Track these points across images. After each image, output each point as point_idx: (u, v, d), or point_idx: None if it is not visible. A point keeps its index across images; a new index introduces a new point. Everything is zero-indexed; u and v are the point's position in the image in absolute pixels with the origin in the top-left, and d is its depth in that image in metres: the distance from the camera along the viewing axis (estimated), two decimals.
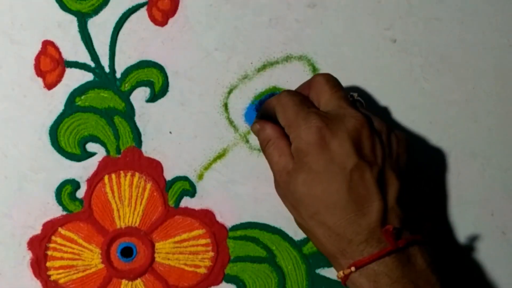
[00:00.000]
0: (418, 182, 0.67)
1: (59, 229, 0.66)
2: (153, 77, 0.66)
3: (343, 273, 0.58)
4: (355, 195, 0.58)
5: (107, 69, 0.66)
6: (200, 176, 0.66)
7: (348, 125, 0.59)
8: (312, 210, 0.59)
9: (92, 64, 0.66)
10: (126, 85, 0.66)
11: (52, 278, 0.65)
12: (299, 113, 0.60)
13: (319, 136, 0.59)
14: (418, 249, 0.58)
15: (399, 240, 0.57)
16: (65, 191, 0.65)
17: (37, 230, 0.65)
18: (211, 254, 0.66)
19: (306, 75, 0.67)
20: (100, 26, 0.66)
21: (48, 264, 0.65)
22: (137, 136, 0.66)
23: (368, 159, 0.59)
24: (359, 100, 0.63)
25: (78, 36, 0.66)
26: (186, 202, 0.66)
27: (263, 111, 0.64)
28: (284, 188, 0.61)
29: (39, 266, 0.65)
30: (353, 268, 0.58)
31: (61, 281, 0.65)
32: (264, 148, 0.63)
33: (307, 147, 0.59)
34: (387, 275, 0.57)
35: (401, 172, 0.60)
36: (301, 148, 0.59)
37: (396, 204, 0.59)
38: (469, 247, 0.68)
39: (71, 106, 0.66)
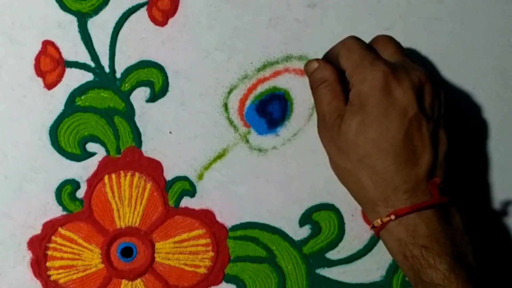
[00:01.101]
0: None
1: (59, 229, 0.66)
2: (153, 77, 0.66)
3: (381, 220, 0.59)
4: (409, 144, 0.59)
5: (107, 69, 0.66)
6: (200, 176, 0.66)
7: (413, 77, 0.60)
8: (363, 152, 0.59)
9: (92, 64, 0.66)
10: (126, 85, 0.66)
11: (52, 278, 0.65)
12: (366, 57, 0.61)
13: (385, 81, 0.60)
14: (456, 209, 0.60)
15: (442, 195, 0.59)
16: (65, 191, 0.65)
17: (37, 230, 0.65)
18: (211, 254, 0.66)
19: (306, 75, 0.67)
20: (100, 26, 0.66)
21: (48, 264, 0.65)
22: (137, 136, 0.66)
23: (427, 113, 0.60)
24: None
25: (78, 36, 0.66)
26: (186, 202, 0.66)
27: (324, 58, 0.64)
28: (333, 129, 0.61)
29: (39, 266, 0.65)
30: (393, 216, 0.58)
31: (61, 281, 0.65)
32: (317, 87, 0.63)
33: (371, 89, 0.60)
34: (426, 226, 0.58)
35: (450, 132, 0.61)
36: (364, 90, 0.60)
37: (443, 161, 0.60)
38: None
39: (71, 106, 0.66)
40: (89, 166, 0.66)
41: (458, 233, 0.59)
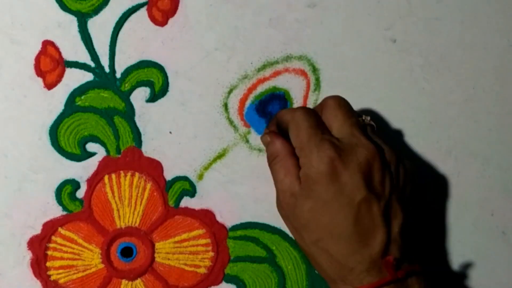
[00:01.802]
0: (419, 189, 0.67)
1: (59, 229, 0.66)
2: (153, 77, 0.66)
3: None
4: (360, 226, 0.59)
5: (107, 69, 0.66)
6: (200, 176, 0.66)
7: (360, 157, 0.59)
8: (315, 237, 0.60)
9: (92, 64, 0.66)
10: (126, 85, 0.66)
11: (52, 278, 0.65)
12: (312, 138, 0.60)
13: (330, 167, 0.59)
14: (416, 279, 0.59)
15: (398, 270, 0.58)
16: (65, 191, 0.65)
17: (37, 230, 0.65)
18: (211, 254, 0.66)
19: (306, 75, 0.67)
20: (100, 26, 0.66)
21: (48, 264, 0.65)
22: (137, 136, 0.66)
23: (377, 191, 0.59)
24: (371, 124, 0.62)
25: (78, 36, 0.66)
26: (186, 202, 0.66)
27: (276, 120, 0.64)
28: (288, 210, 0.61)
29: (39, 266, 0.65)
30: None
31: (61, 281, 0.65)
32: (270, 163, 0.63)
33: (318, 176, 0.59)
34: None
35: (406, 203, 0.61)
36: (311, 176, 0.59)
37: (398, 235, 0.59)
38: (469, 247, 0.68)
39: (71, 106, 0.66)
40: (89, 166, 0.66)
41: None
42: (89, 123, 0.66)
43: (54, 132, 0.65)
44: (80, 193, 0.66)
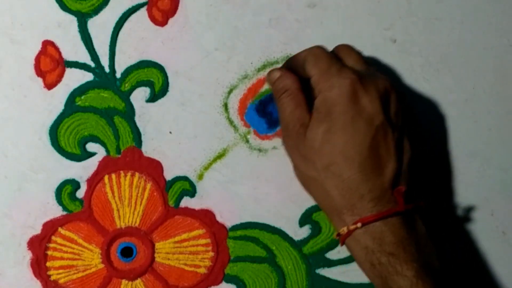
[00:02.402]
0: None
1: (59, 229, 0.66)
2: (153, 77, 0.66)
3: (348, 228, 0.59)
4: (375, 153, 0.59)
5: (107, 69, 0.66)
6: (200, 176, 0.66)
7: (380, 86, 0.60)
8: (329, 160, 0.59)
9: (92, 64, 0.66)
10: (126, 85, 0.66)
11: (52, 278, 0.65)
12: (333, 64, 0.61)
13: (352, 89, 0.60)
14: (418, 215, 0.60)
15: (406, 203, 0.59)
16: (65, 191, 0.65)
17: (37, 230, 0.65)
18: (211, 254, 0.66)
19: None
20: (100, 26, 0.66)
21: (48, 264, 0.65)
22: (137, 136, 0.66)
23: (393, 121, 0.60)
24: None
25: (78, 36, 0.66)
26: (186, 202, 0.66)
27: (287, 64, 0.64)
28: (297, 138, 0.61)
29: (39, 266, 0.65)
30: (359, 224, 0.58)
31: (61, 281, 0.65)
32: (279, 96, 0.63)
33: (339, 97, 0.60)
34: (392, 233, 0.58)
35: (413, 140, 0.61)
36: (332, 97, 0.60)
37: (407, 169, 0.60)
38: (469, 247, 0.68)
39: (71, 106, 0.66)
40: (89, 166, 0.66)
41: (422, 239, 0.59)
42: (89, 123, 0.66)
43: (54, 132, 0.65)
44: (80, 193, 0.66)
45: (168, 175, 0.66)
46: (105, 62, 0.66)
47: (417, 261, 0.58)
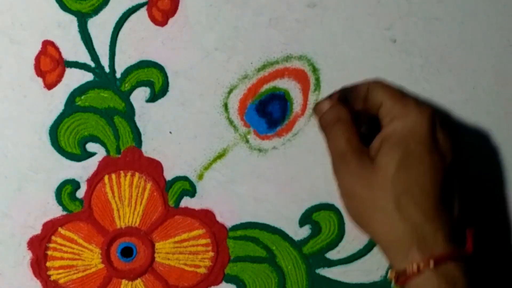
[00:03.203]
0: None
1: (59, 229, 0.66)
2: (153, 77, 0.66)
3: (418, 266, 0.55)
4: (445, 189, 0.57)
5: (107, 69, 0.66)
6: (200, 176, 0.66)
7: (450, 123, 0.61)
8: (403, 189, 0.56)
9: (92, 64, 0.66)
10: (126, 85, 0.66)
11: (52, 278, 0.65)
12: (405, 95, 0.59)
13: (433, 121, 0.58)
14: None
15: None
16: (65, 191, 0.65)
17: (37, 230, 0.65)
18: (211, 254, 0.66)
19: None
20: (100, 26, 0.66)
21: (48, 264, 0.65)
22: (137, 136, 0.66)
23: (455, 162, 0.59)
24: None
25: (78, 36, 0.66)
26: (186, 202, 0.66)
27: (337, 97, 0.62)
28: (359, 166, 0.58)
29: (39, 266, 0.65)
30: (431, 262, 0.55)
31: (61, 281, 0.65)
32: (332, 125, 0.60)
33: (419, 126, 0.58)
34: (465, 278, 0.55)
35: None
36: (410, 127, 0.58)
37: (461, 214, 0.58)
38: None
39: (71, 106, 0.66)
40: (89, 166, 0.66)
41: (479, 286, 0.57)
42: (89, 123, 0.66)
43: (54, 132, 0.65)
44: (80, 193, 0.66)
45: (168, 175, 0.66)
46: (105, 62, 0.66)
47: None
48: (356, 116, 0.61)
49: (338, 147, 0.60)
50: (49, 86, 0.66)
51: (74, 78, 0.66)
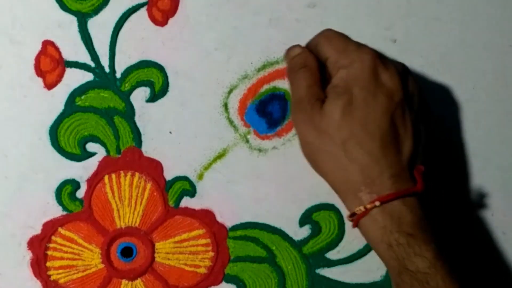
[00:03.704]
0: None
1: (59, 229, 0.66)
2: (153, 77, 0.66)
3: (365, 207, 0.58)
4: (394, 129, 0.59)
5: (107, 69, 0.66)
6: (200, 176, 0.66)
7: (398, 66, 0.61)
8: (348, 133, 0.58)
9: (92, 64, 0.66)
10: (126, 85, 0.66)
11: (52, 278, 0.65)
12: (350, 43, 0.61)
13: (373, 63, 0.60)
14: (431, 197, 0.59)
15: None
16: (65, 191, 0.65)
17: (37, 230, 0.65)
18: (211, 254, 0.66)
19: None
20: (100, 26, 0.66)
21: (48, 264, 0.65)
22: (137, 136, 0.66)
23: (410, 101, 0.60)
24: None
25: (78, 36, 0.66)
26: (186, 202, 0.66)
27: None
28: (312, 112, 0.60)
29: (39, 266, 0.65)
30: (377, 203, 0.57)
31: (61, 281, 0.65)
32: (297, 69, 0.62)
33: (360, 71, 0.59)
34: (411, 213, 0.57)
35: (426, 126, 0.61)
36: (352, 72, 0.59)
37: (422, 152, 0.60)
38: (469, 248, 0.68)
39: (71, 106, 0.66)
40: (89, 166, 0.66)
41: (435, 220, 0.58)
42: (89, 123, 0.66)
43: (54, 132, 0.65)
44: (80, 193, 0.66)
45: (168, 175, 0.66)
46: (105, 62, 0.66)
47: (434, 242, 0.57)
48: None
49: (298, 92, 0.61)
50: (49, 86, 0.66)
51: (74, 78, 0.66)
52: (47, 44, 0.66)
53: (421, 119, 0.61)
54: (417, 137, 0.60)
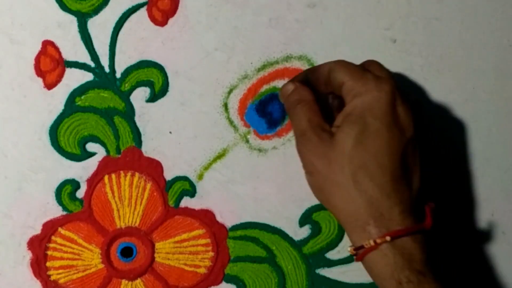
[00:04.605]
0: None
1: (59, 229, 0.66)
2: (153, 77, 0.66)
3: (374, 241, 0.56)
4: (404, 164, 0.58)
5: (107, 69, 0.66)
6: (200, 176, 0.66)
7: (411, 98, 0.60)
8: (359, 164, 0.57)
9: (92, 64, 0.66)
10: (126, 85, 0.66)
11: (52, 278, 0.65)
12: (367, 72, 0.60)
13: (392, 95, 0.58)
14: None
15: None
16: (65, 191, 0.65)
17: (37, 230, 0.65)
18: (211, 254, 0.66)
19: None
20: (100, 26, 0.66)
21: (48, 264, 0.65)
22: (137, 136, 0.66)
23: (416, 139, 0.59)
24: None
25: (78, 36, 0.66)
26: (186, 202, 0.66)
27: (301, 78, 0.63)
28: (319, 141, 0.59)
29: (39, 266, 0.65)
30: (388, 238, 0.56)
31: (61, 281, 0.65)
32: (294, 106, 0.61)
33: (376, 101, 0.58)
34: (421, 250, 0.56)
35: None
36: (368, 101, 0.58)
37: (422, 188, 0.59)
38: (469, 247, 0.68)
39: (71, 106, 0.66)
40: (89, 166, 0.66)
41: (442, 257, 0.59)
42: (89, 123, 0.66)
43: (54, 132, 0.65)
44: (80, 193, 0.66)
45: (168, 175, 0.66)
46: (105, 62, 0.66)
47: (442, 280, 0.56)
48: (322, 96, 0.63)
49: (300, 126, 0.61)
50: (49, 86, 0.66)
51: (74, 78, 0.66)
52: (47, 44, 0.66)
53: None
54: (423, 174, 0.59)
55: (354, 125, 0.58)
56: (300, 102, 0.61)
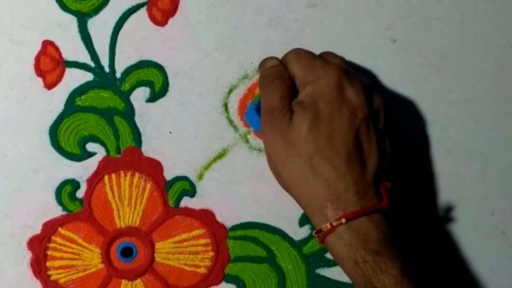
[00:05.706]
0: (417, 181, 0.67)
1: (59, 229, 0.66)
2: (153, 77, 0.66)
3: (331, 224, 0.57)
4: (358, 145, 0.59)
5: (107, 69, 0.66)
6: (200, 176, 0.66)
7: (364, 81, 0.61)
8: (315, 147, 0.58)
9: (92, 64, 0.66)
10: (126, 85, 0.66)
11: (52, 278, 0.65)
12: (317, 60, 0.61)
13: (338, 79, 0.60)
14: (394, 213, 0.59)
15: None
16: (65, 191, 0.65)
17: (37, 230, 0.65)
18: (211, 254, 0.66)
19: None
20: (100, 26, 0.66)
21: (48, 264, 0.65)
22: (137, 136, 0.66)
23: (375, 118, 0.60)
24: None
25: (78, 36, 0.66)
26: (186, 202, 0.66)
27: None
28: (282, 123, 0.60)
29: (39, 266, 0.65)
30: (343, 220, 0.57)
31: (61, 281, 0.65)
32: (271, 79, 0.62)
33: (326, 87, 0.60)
34: (377, 230, 0.57)
35: (392, 141, 0.61)
36: (318, 89, 0.60)
37: (386, 167, 0.60)
38: (469, 247, 0.68)
39: (71, 106, 0.66)
40: (89, 166, 0.66)
41: (401, 236, 0.59)
42: (89, 123, 0.66)
43: (54, 132, 0.65)
44: (80, 193, 0.66)
45: (168, 175, 0.66)
46: (105, 62, 0.66)
47: (400, 259, 0.57)
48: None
49: (271, 102, 0.61)
50: (49, 86, 0.66)
51: (74, 78, 0.66)
52: (47, 44, 0.66)
53: (387, 136, 0.61)
54: (382, 154, 0.60)
55: (308, 110, 0.59)
56: (279, 78, 0.62)
